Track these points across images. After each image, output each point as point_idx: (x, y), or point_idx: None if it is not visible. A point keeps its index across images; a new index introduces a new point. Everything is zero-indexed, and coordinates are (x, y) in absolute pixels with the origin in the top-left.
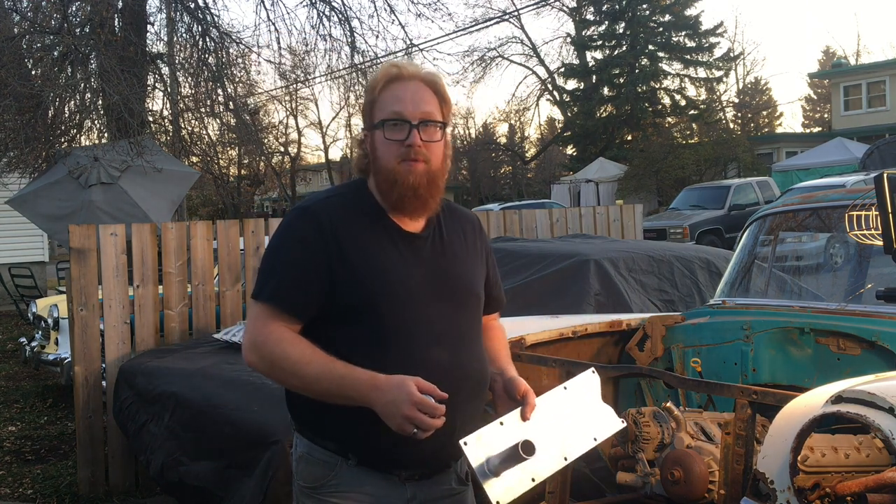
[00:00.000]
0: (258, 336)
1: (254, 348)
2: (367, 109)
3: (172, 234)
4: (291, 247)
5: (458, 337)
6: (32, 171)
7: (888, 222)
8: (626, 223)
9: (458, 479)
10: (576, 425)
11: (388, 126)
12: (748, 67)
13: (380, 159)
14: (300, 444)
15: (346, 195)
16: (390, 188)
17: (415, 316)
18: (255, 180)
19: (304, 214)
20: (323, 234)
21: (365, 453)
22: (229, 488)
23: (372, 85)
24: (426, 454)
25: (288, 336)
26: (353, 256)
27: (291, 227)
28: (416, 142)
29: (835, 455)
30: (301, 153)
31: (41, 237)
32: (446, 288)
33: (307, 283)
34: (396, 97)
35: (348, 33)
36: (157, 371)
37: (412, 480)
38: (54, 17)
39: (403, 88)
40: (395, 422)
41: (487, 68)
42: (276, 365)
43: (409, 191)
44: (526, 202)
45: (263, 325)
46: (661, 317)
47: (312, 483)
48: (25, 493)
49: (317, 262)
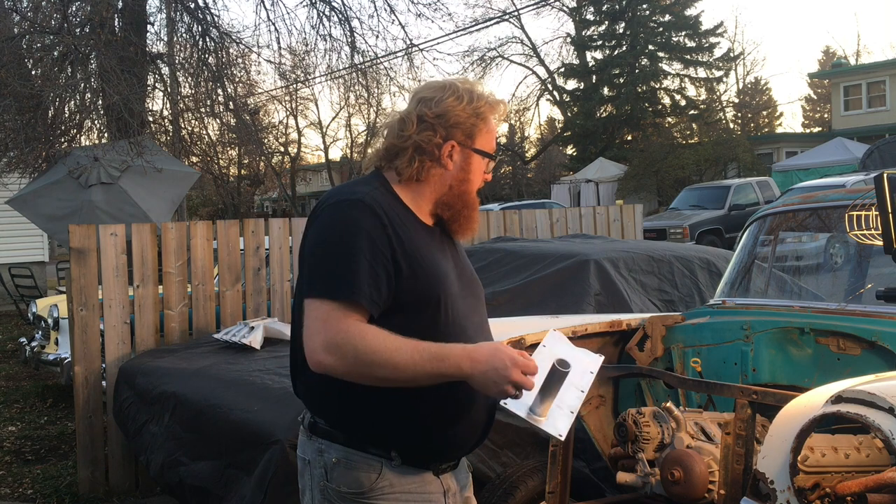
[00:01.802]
0: (336, 335)
1: (332, 349)
2: (469, 122)
3: (172, 234)
4: (357, 239)
5: (483, 327)
6: (32, 171)
7: (888, 222)
8: (626, 223)
9: (468, 464)
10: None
11: (488, 161)
12: (748, 67)
13: (470, 183)
14: (332, 450)
15: (380, 190)
16: (461, 208)
17: (462, 308)
18: (255, 180)
19: (360, 206)
20: (384, 226)
21: (409, 451)
22: (229, 488)
23: (483, 106)
24: (466, 442)
25: (369, 329)
26: (410, 250)
27: (349, 220)
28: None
29: (835, 455)
30: (301, 153)
31: (41, 237)
32: (469, 281)
33: (378, 277)
34: (494, 133)
35: (348, 33)
36: (157, 371)
37: (444, 472)
38: (54, 17)
39: (496, 125)
40: (499, 387)
41: (487, 68)
42: (363, 360)
43: (476, 216)
44: (526, 202)
45: (338, 322)
46: (661, 317)
47: (357, 488)
48: (25, 493)
49: (384, 255)
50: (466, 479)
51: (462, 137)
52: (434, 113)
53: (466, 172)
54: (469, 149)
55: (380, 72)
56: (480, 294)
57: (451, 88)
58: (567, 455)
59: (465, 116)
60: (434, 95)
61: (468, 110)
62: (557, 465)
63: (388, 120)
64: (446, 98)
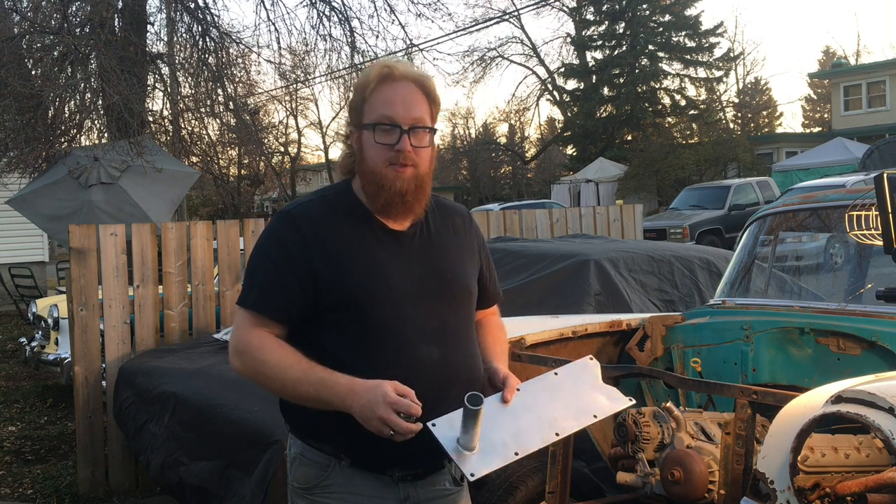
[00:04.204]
0: (240, 342)
1: (236, 354)
2: (357, 107)
3: (172, 234)
4: (272, 252)
5: (448, 334)
6: (32, 171)
7: (888, 222)
8: (626, 223)
9: (453, 479)
10: (572, 405)
11: (379, 129)
12: (748, 67)
13: (367, 161)
14: (294, 445)
15: (327, 197)
16: (377, 191)
17: (402, 313)
18: (255, 180)
19: (285, 219)
20: (304, 236)
21: (358, 454)
22: (229, 488)
23: (363, 83)
24: (419, 454)
25: (268, 342)
26: (336, 256)
27: (272, 233)
28: (406, 148)
29: (835, 455)
30: (301, 153)
31: (41, 237)
32: (434, 284)
33: (288, 288)
34: (388, 100)
35: (348, 33)
36: (157, 371)
37: (405, 481)
38: (54, 17)
39: (394, 91)
40: (372, 424)
41: (487, 68)
42: (257, 370)
43: (396, 196)
44: (526, 202)
45: (245, 330)
46: (661, 317)
47: (305, 484)
48: (25, 493)
49: (298, 266)
50: (443, 493)
51: (356, 121)
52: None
53: (361, 151)
54: (360, 128)
55: None
56: (452, 296)
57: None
58: (567, 455)
59: (355, 101)
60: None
61: (357, 95)
62: (557, 465)
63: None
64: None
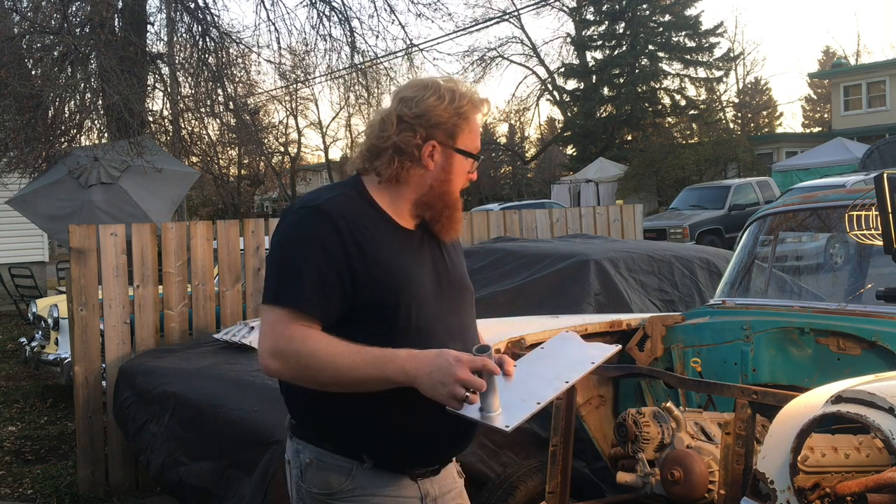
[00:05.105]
0: (280, 341)
1: (276, 354)
2: (449, 122)
3: (172, 234)
4: (308, 247)
5: (464, 331)
6: (32, 171)
7: (888, 222)
8: (626, 223)
9: (458, 471)
10: (569, 361)
11: (472, 161)
12: (748, 67)
13: (452, 184)
14: (306, 451)
15: (348, 193)
16: (445, 208)
17: (433, 312)
18: (255, 180)
19: (317, 213)
20: (340, 232)
21: (381, 455)
22: (229, 488)
23: (458, 101)
24: (444, 448)
25: (312, 333)
26: (372, 254)
27: (304, 226)
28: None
29: (835, 455)
30: (301, 153)
31: (41, 237)
32: (449, 284)
33: (329, 285)
34: (477, 132)
35: (348, 33)
36: (157, 371)
37: (423, 477)
38: (54, 17)
39: (478, 123)
40: (447, 388)
41: (487, 68)
42: (305, 364)
43: (459, 215)
44: (526, 202)
45: (284, 327)
46: (661, 317)
47: (328, 489)
48: (25, 493)
49: (338, 263)
50: (453, 485)
51: (443, 137)
52: (414, 113)
53: (448, 173)
54: (451, 149)
55: (380, 72)
56: (465, 297)
57: (433, 88)
58: (567, 455)
59: (447, 116)
60: (415, 95)
61: (449, 110)
62: (557, 465)
63: (371, 119)
64: (427, 98)
